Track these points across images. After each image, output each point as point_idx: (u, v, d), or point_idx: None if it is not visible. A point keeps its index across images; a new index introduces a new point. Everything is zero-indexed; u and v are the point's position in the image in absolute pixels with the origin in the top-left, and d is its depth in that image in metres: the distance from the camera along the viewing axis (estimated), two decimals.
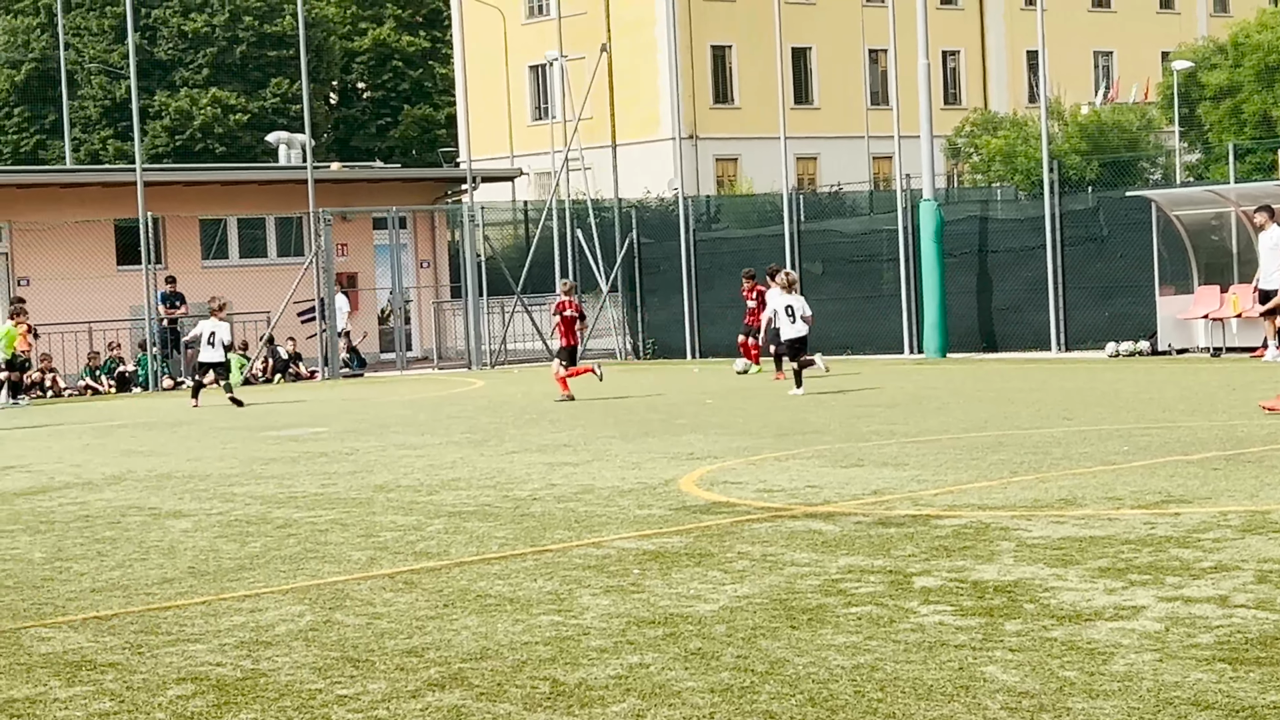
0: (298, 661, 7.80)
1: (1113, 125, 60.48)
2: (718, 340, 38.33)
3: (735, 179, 67.65)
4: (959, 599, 8.46)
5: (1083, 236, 32.26)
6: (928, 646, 7.44)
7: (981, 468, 14.00)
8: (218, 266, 39.72)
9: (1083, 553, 9.59)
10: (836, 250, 36.69)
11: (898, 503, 12.16)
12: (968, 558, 9.63)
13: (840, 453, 15.78)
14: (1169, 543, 9.79)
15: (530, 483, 14.48)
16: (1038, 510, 11.40)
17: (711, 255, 38.78)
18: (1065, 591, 8.50)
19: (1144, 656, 7.05)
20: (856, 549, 10.13)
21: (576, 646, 7.81)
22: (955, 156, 65.76)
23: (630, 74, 64.89)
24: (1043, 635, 7.55)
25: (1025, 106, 68.62)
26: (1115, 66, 76.55)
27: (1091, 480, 12.81)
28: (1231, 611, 7.83)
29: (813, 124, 68.21)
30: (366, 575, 10.11)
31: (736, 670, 7.19)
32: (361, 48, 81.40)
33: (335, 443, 19.50)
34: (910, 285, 34.46)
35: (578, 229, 40.72)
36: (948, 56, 74.21)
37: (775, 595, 8.79)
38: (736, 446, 16.83)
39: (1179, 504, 11.35)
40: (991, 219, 35.38)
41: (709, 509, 12.31)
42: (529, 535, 11.42)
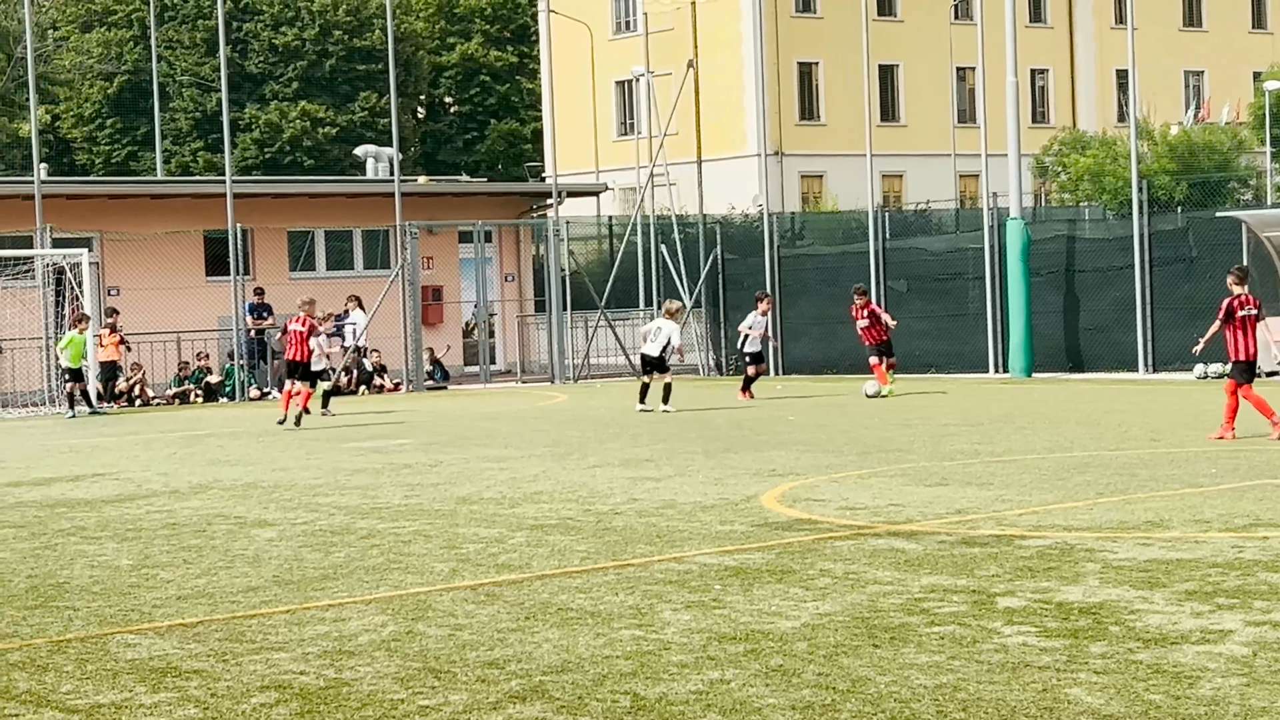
0: (380, 671, 7.84)
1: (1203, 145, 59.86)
2: (802, 357, 38.24)
3: (820, 196, 67.47)
4: (1043, 620, 8.39)
5: (1171, 257, 31.96)
6: (1011, 667, 7.38)
7: (1067, 489, 13.89)
8: (305, 278, 39.99)
9: (1169, 575, 9.50)
10: (922, 268, 36.52)
11: (982, 522, 12.08)
12: (1052, 579, 9.55)
13: (924, 471, 15.70)
14: (1257, 566, 9.68)
15: (612, 497, 14.49)
16: (1123, 532, 11.29)
17: (796, 272, 38.69)
18: (1151, 614, 8.42)
19: (1230, 681, 6.97)
20: (940, 568, 10.08)
21: (657, 661, 7.81)
22: (1043, 175, 65.29)
23: (716, 90, 64.90)
24: (1128, 658, 7.48)
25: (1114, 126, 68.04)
26: (1206, 86, 75.84)
27: (1178, 503, 12.68)
28: None
29: (899, 141, 67.93)
30: (449, 587, 10.15)
31: (818, 688, 7.17)
32: (449, 62, 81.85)
33: (419, 455, 19.59)
34: (996, 304, 34.25)
35: (662, 244, 40.73)
36: (1036, 75, 73.75)
37: (857, 613, 8.75)
38: (819, 464, 16.78)
39: (1267, 528, 11.22)
40: (1079, 238, 35.12)
41: (791, 525, 12.28)
42: (610, 549, 11.43)
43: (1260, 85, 66.37)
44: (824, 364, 37.54)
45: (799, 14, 68.40)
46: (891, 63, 69.03)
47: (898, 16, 69.65)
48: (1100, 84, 75.71)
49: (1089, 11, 75.62)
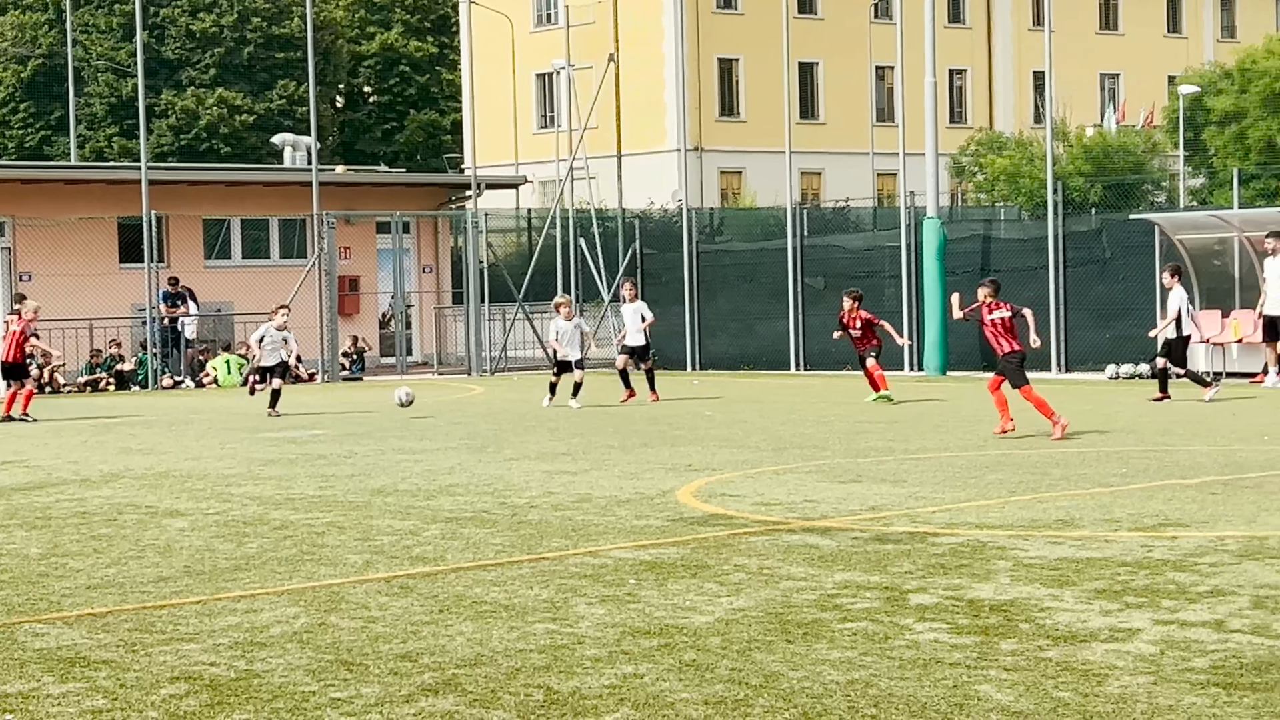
0: (292, 663, 7.80)
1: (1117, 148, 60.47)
2: (719, 352, 38.33)
3: (739, 192, 67.65)
4: (954, 617, 8.45)
5: (1085, 258, 32.27)
6: (922, 664, 7.43)
7: (980, 487, 13.99)
8: (220, 267, 39.72)
9: (1079, 574, 9.59)
10: (839, 266, 36.68)
11: (895, 519, 12.15)
12: (964, 576, 9.62)
13: (839, 468, 15.78)
14: (1165, 566, 9.79)
15: (528, 490, 14.48)
16: (1035, 530, 11.39)
17: (714, 267, 38.78)
18: (1061, 612, 8.50)
19: (1138, 679, 7.05)
20: (853, 564, 10.13)
21: (571, 655, 7.81)
22: (959, 175, 65.75)
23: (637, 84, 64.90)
24: (1038, 655, 7.54)
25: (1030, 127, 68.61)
26: (1122, 89, 76.60)
27: (1089, 502, 12.81)
28: (1227, 636, 7.82)
29: (818, 139, 68.21)
30: (362, 579, 10.10)
31: (730, 683, 7.19)
32: (369, 51, 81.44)
33: (334, 445, 19.49)
34: (912, 302, 34.47)
35: (581, 238, 40.72)
36: (954, 75, 74.24)
37: (771, 609, 8.79)
38: (735, 459, 16.83)
39: (1176, 527, 11.35)
40: (994, 238, 35.39)
41: (706, 521, 12.30)
42: (526, 543, 11.42)
43: (1174, 89, 67.11)
44: (741, 359, 37.65)
45: (720, 10, 68.54)
46: (811, 60, 69.30)
47: (818, 14, 69.92)
48: (1017, 85, 76.31)
49: (1007, 13, 76.19)
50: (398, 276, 39.73)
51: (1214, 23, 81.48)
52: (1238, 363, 28.86)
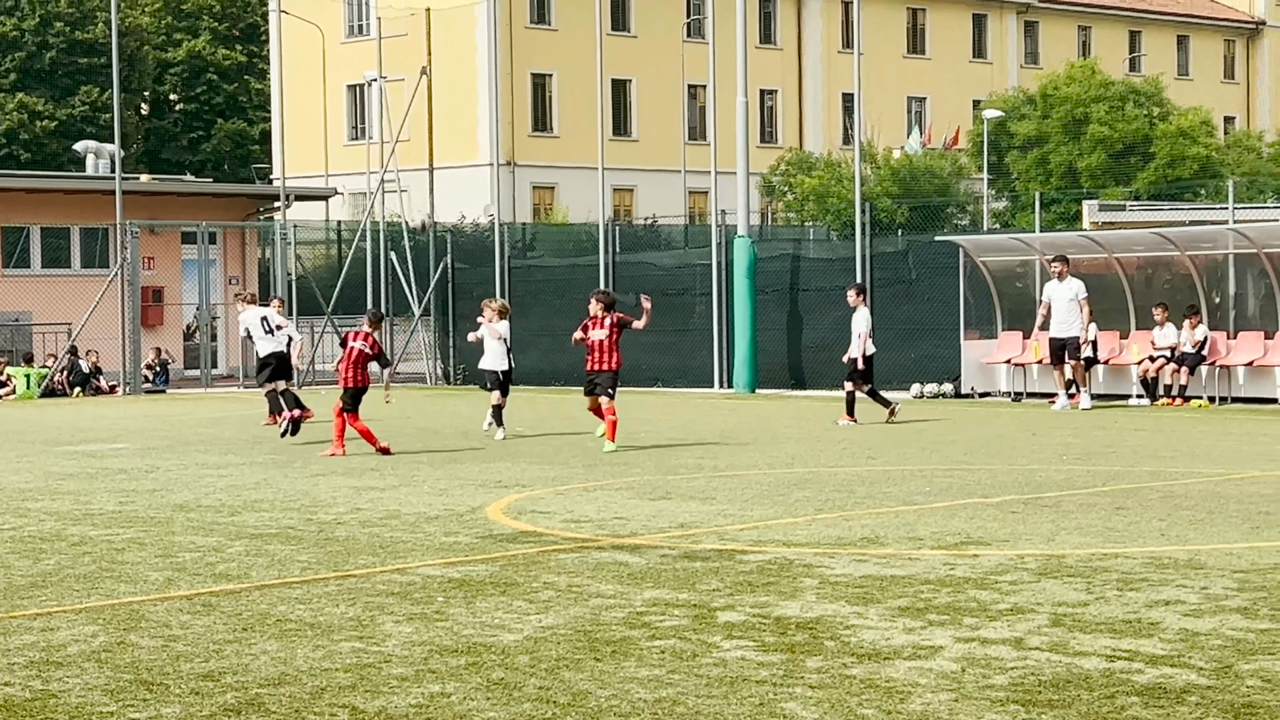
0: (89, 683, 7.61)
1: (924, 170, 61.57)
2: (530, 368, 38.26)
3: (552, 208, 67.72)
4: (761, 635, 8.50)
5: (892, 279, 32.77)
6: (729, 681, 7.47)
7: (787, 504, 14.12)
8: (19, 276, 38.79)
9: (883, 591, 9.70)
10: (651, 283, 36.79)
11: (704, 537, 12.21)
12: (771, 594, 9.69)
13: (649, 485, 15.82)
14: (967, 584, 9.95)
15: (335, 506, 14.32)
16: (841, 548, 11.51)
17: (526, 283, 38.75)
18: (865, 630, 8.59)
19: (940, 696, 7.15)
20: (662, 582, 10.15)
21: (377, 674, 7.72)
22: (770, 194, 66.47)
23: (450, 98, 64.70)
24: (842, 673, 7.61)
25: (840, 148, 69.59)
26: (929, 112, 77.98)
27: (894, 520, 12.98)
28: (1026, 653, 7.96)
29: (631, 156, 68.52)
30: (163, 596, 9.90)
31: (539, 701, 7.16)
32: (176, 59, 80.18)
33: (135, 459, 19.11)
34: (722, 320, 34.74)
35: (391, 251, 40.44)
36: (765, 95, 75.04)
37: (580, 626, 8.77)
38: (545, 476, 16.81)
39: (978, 546, 11.54)
40: (804, 258, 35.82)
41: (516, 538, 12.26)
42: (332, 560, 11.28)
43: (979, 113, 68.49)
44: (552, 376, 37.64)
45: (533, 25, 68.58)
46: (624, 77, 69.60)
47: (631, 32, 70.25)
48: (827, 106, 77.36)
49: (817, 35, 77.21)
50: (203, 288, 39.12)
51: (1018, 49, 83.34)
52: (1038, 383, 29.49)
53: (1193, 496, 14.32)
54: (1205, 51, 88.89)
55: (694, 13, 70.16)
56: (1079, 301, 26.95)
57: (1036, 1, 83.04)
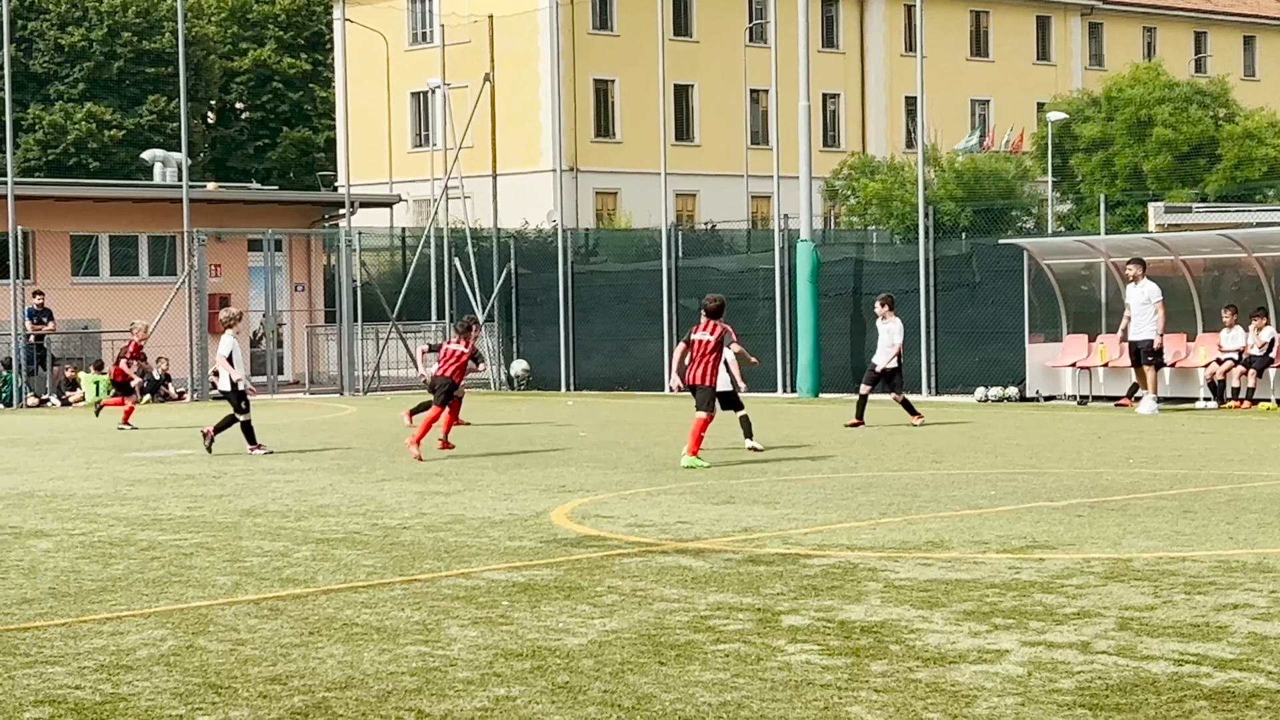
0: (158, 686, 7.69)
1: (988, 173, 61.28)
2: (593, 373, 38.34)
3: (615, 213, 67.79)
4: (826, 638, 8.50)
5: (955, 282, 32.65)
6: (794, 685, 7.46)
7: (851, 508, 14.10)
8: (88, 284, 39.15)
9: (948, 595, 9.68)
10: (713, 287, 36.68)
11: (768, 541, 12.21)
12: (835, 597, 9.68)
13: (712, 489, 15.83)
14: (1033, 588, 9.91)
15: (400, 511, 14.39)
16: (905, 552, 11.49)
17: (589, 288, 38.82)
18: (930, 633, 8.57)
19: (1006, 700, 7.12)
20: (726, 586, 10.16)
21: (443, 678, 7.76)
22: (833, 198, 66.31)
23: (513, 104, 64.90)
24: (907, 677, 7.60)
25: (903, 151, 69.36)
26: (992, 115, 77.64)
27: (958, 524, 12.94)
28: (1093, 658, 7.93)
29: (693, 161, 68.53)
30: (231, 601, 9.98)
31: (603, 705, 7.18)
32: (241, 67, 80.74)
33: (203, 465, 19.26)
34: (785, 324, 34.69)
35: (455, 257, 40.60)
36: (828, 99, 74.91)
37: (644, 630, 8.79)
38: (609, 480, 16.83)
39: (1044, 549, 11.49)
40: (867, 261, 35.74)
41: (580, 542, 12.29)
42: (398, 564, 11.34)
43: (1043, 116, 68.12)
44: (615, 381, 37.70)
45: (596, 31, 68.69)
46: (687, 83, 69.63)
47: (694, 37, 70.27)
48: (889, 110, 77.14)
49: (880, 39, 77.00)
50: (269, 295, 39.38)
51: (1082, 51, 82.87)
52: (1104, 386, 29.32)
53: (1260, 499, 14.21)
54: (1272, 51, 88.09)
55: (756, 17, 70.10)
56: (1153, 304, 26.81)
57: (1100, 3, 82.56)
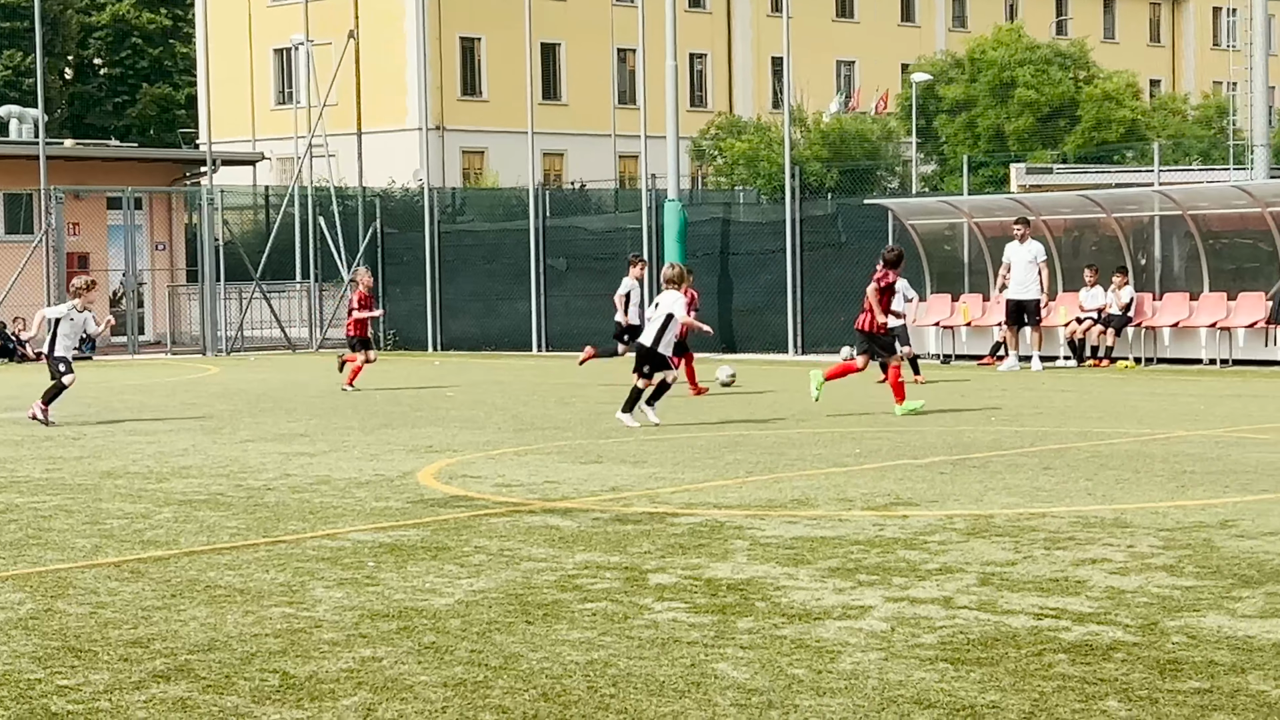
0: (16, 650, 7.56)
1: (854, 134, 61.70)
2: (460, 333, 38.18)
3: (482, 172, 67.48)
4: (693, 596, 8.53)
5: (821, 242, 32.85)
6: (660, 643, 7.49)
7: (718, 467, 14.16)
8: None
9: (814, 553, 9.75)
10: (581, 247, 36.80)
11: (635, 500, 12.23)
12: (702, 556, 9.72)
13: (580, 449, 15.83)
14: (897, 544, 10.01)
15: (265, 472, 14.25)
16: (771, 510, 11.56)
17: (456, 248, 38.62)
18: (796, 591, 8.63)
19: (870, 655, 7.19)
20: (593, 545, 10.17)
21: (308, 639, 7.70)
22: (700, 159, 66.46)
23: (378, 62, 64.27)
24: (773, 633, 7.65)
25: (769, 112, 69.63)
26: (858, 76, 78.12)
27: (824, 482, 13.04)
28: (955, 613, 8.02)
29: (560, 120, 68.33)
30: (91, 563, 9.83)
31: (470, 665, 7.16)
32: (100, 22, 79.28)
33: (61, 427, 18.95)
34: (653, 284, 34.70)
35: (320, 216, 40.21)
36: (695, 59, 74.96)
37: (511, 590, 8.77)
38: (476, 440, 16.78)
39: (907, 506, 11.61)
40: (734, 221, 35.85)
41: (446, 502, 12.25)
42: (262, 526, 11.23)
43: (907, 77, 68.67)
44: (483, 340, 37.59)
45: None
46: (554, 41, 69.37)
47: None
48: (756, 71, 77.36)
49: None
50: (129, 254, 38.78)
51: (946, 13, 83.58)
52: (966, 345, 29.67)
53: (1119, 456, 14.46)
54: (1131, 15, 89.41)
55: None
56: (1038, 264, 27.17)
57: None
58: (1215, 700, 6.37)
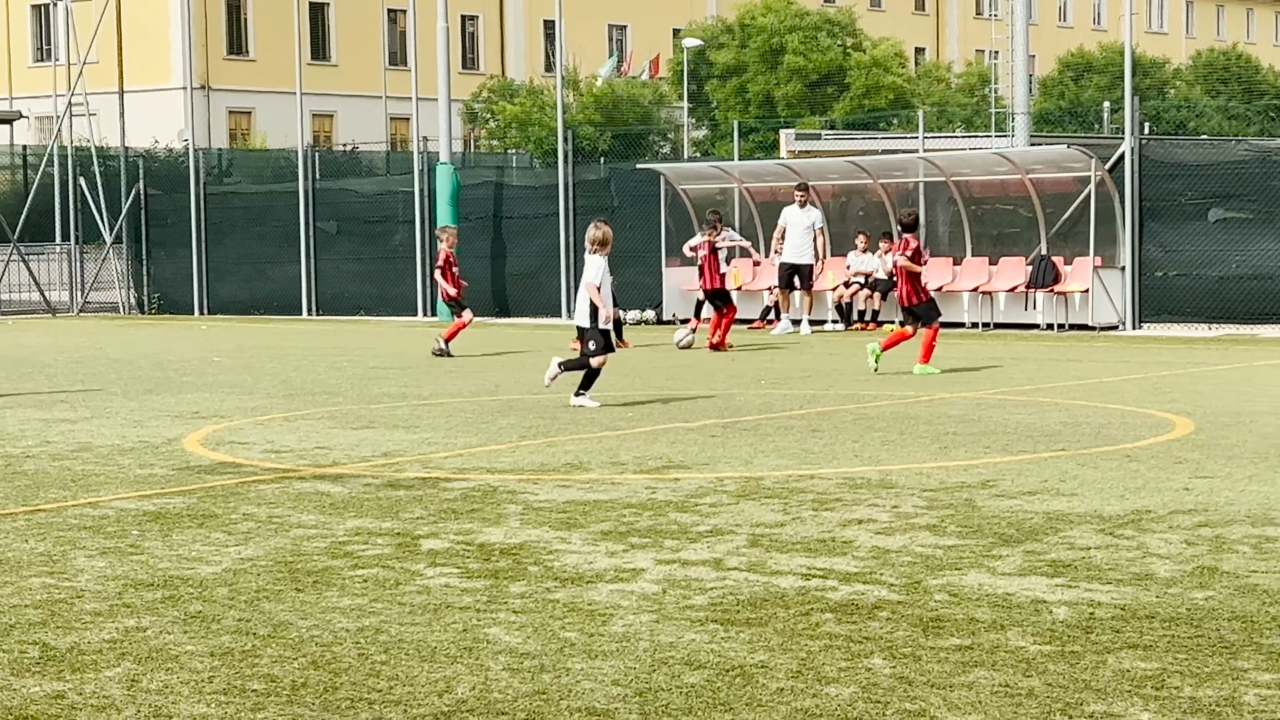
0: None
1: (626, 98, 61.89)
2: (228, 297, 37.55)
3: (249, 133, 66.36)
4: (465, 561, 8.51)
5: (594, 206, 32.90)
6: (433, 609, 7.46)
7: (491, 432, 14.13)
8: None
9: (586, 516, 9.78)
10: (352, 210, 36.40)
11: (408, 465, 12.15)
12: (475, 520, 9.70)
13: (351, 414, 15.68)
14: (669, 507, 10.09)
15: (24, 440, 13.87)
16: (544, 474, 11.57)
17: (223, 210, 37.94)
18: (569, 554, 8.66)
19: (642, 618, 7.24)
20: (365, 511, 10.08)
21: (69, 610, 7.52)
22: (473, 122, 66.15)
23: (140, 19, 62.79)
24: (546, 597, 7.66)
25: (542, 75, 69.53)
26: (630, 40, 78.33)
27: (597, 445, 13.09)
28: (725, 574, 8.11)
29: (330, 81, 67.47)
30: None
31: (238, 633, 7.05)
32: None
33: None
34: (425, 248, 34.49)
35: (81, 177, 39.19)
36: (466, 21, 74.51)
37: (280, 558, 8.67)
38: (245, 406, 16.53)
39: (679, 469, 11.71)
40: (507, 185, 35.73)
41: (214, 469, 12.05)
42: (20, 494, 10.93)
43: (679, 42, 69.05)
44: (252, 304, 37.02)
45: None
46: (322, 1, 68.41)
47: None
48: (529, 33, 77.17)
49: None
50: None
51: None
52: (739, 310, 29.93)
53: (884, 418, 14.74)
54: None
55: None
56: (815, 230, 27.51)
57: None
58: (976, 656, 6.53)
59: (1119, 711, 5.75)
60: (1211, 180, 27.05)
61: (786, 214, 27.88)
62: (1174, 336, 25.90)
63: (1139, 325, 27.29)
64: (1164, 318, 27.24)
